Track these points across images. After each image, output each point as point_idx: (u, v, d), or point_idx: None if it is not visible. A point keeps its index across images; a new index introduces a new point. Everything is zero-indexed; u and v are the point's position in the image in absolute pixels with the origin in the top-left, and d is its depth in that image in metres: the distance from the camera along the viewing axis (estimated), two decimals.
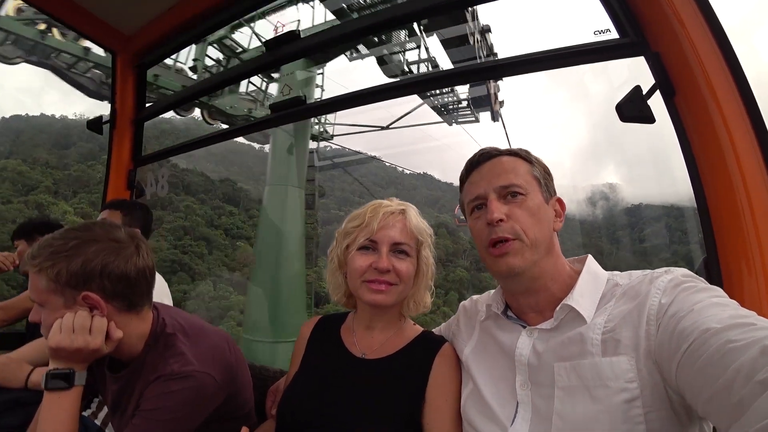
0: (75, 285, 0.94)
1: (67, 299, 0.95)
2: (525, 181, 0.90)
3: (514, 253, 0.85)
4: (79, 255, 0.94)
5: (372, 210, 1.06)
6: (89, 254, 0.95)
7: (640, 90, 1.13)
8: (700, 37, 1.06)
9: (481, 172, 0.94)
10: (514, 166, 0.92)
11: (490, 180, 0.91)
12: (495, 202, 0.88)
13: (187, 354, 1.01)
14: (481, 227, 0.90)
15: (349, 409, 0.96)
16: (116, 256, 0.98)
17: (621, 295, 0.80)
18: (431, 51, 11.15)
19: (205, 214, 58.32)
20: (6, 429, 1.53)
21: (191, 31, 1.99)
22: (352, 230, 1.06)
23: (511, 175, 0.90)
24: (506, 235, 0.85)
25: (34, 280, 0.95)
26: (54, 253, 0.93)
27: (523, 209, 0.87)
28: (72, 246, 0.94)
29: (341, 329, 1.16)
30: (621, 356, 0.73)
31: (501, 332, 0.94)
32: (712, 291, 0.71)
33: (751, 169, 1.01)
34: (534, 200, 0.88)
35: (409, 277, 1.05)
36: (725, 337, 0.57)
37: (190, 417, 0.98)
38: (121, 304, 1.00)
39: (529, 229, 0.85)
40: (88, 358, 0.96)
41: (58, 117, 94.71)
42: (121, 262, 0.98)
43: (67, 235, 0.96)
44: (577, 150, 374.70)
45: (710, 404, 0.57)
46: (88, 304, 0.96)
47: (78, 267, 0.93)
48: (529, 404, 0.81)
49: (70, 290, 0.94)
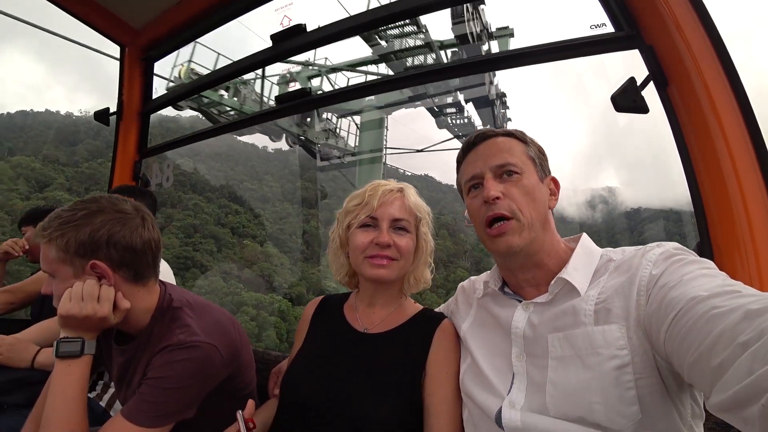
0: (83, 254, 0.97)
1: (76, 269, 0.98)
2: (520, 161, 0.92)
3: (512, 232, 0.87)
4: (86, 225, 0.97)
5: (372, 189, 1.10)
6: (96, 224, 0.98)
7: (635, 81, 1.17)
8: (692, 30, 1.10)
9: (477, 152, 0.97)
10: (509, 146, 0.94)
11: (486, 159, 0.93)
12: (491, 180, 0.91)
13: (193, 326, 1.03)
14: (478, 206, 0.93)
15: (351, 381, 0.99)
16: (122, 226, 1.01)
17: (614, 270, 0.83)
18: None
19: (212, 213, 59.94)
20: (13, 406, 1.56)
21: (198, 25, 2.03)
22: (353, 209, 1.10)
23: (507, 154, 0.92)
24: (502, 211, 0.88)
25: (44, 251, 0.98)
26: (63, 224, 0.96)
27: (518, 188, 0.89)
28: (80, 216, 0.97)
29: (344, 307, 1.19)
30: (612, 324, 0.75)
31: (498, 307, 0.97)
32: (702, 263, 0.72)
33: (741, 157, 1.05)
34: (529, 179, 0.91)
35: (409, 253, 1.08)
36: (710, 304, 0.59)
37: (194, 387, 1.00)
38: (127, 273, 1.03)
39: (524, 207, 0.88)
40: (97, 327, 0.99)
41: (63, 113, 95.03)
42: (126, 232, 1.01)
43: (76, 206, 1.00)
44: (577, 154, 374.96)
45: (694, 368, 0.58)
46: (96, 273, 0.98)
47: (86, 236, 0.96)
48: (525, 374, 0.84)
49: (79, 259, 0.97)
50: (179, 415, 0.99)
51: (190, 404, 1.01)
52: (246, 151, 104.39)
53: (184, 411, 1.00)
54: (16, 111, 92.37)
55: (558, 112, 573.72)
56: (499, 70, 1.41)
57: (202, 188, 68.49)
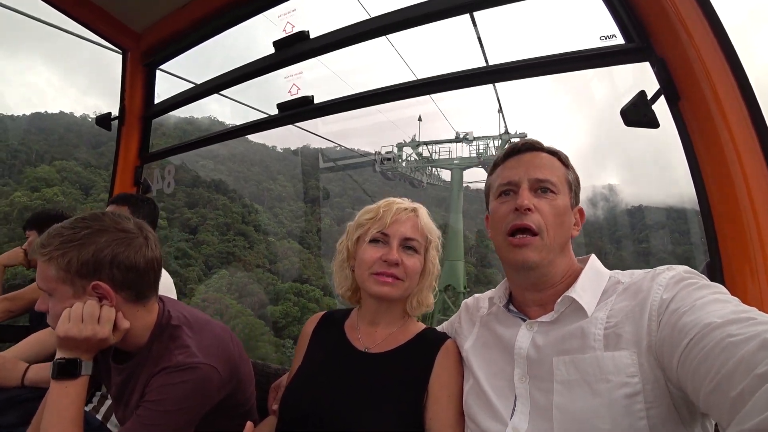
0: (85, 274, 0.94)
1: (77, 289, 0.95)
2: (559, 182, 0.91)
3: (533, 247, 0.86)
4: (89, 244, 0.94)
5: (386, 205, 1.10)
6: (100, 244, 0.95)
7: (645, 95, 1.14)
8: (705, 43, 1.07)
9: (521, 160, 0.95)
10: (552, 164, 0.94)
11: (528, 170, 0.92)
12: (527, 191, 0.89)
13: (192, 346, 1.02)
14: (505, 212, 0.91)
15: (352, 400, 0.97)
16: (126, 246, 0.99)
17: (623, 291, 0.81)
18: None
19: (238, 212, 64.90)
20: (6, 427, 1.55)
21: (201, 30, 2.01)
22: (365, 222, 1.09)
23: (548, 171, 0.92)
24: (530, 224, 0.86)
25: (43, 269, 0.95)
26: (64, 242, 0.93)
27: (551, 207, 0.88)
28: (83, 235, 0.95)
29: (345, 325, 1.17)
30: (623, 351, 0.73)
31: (501, 326, 0.96)
32: (714, 288, 0.71)
33: (755, 175, 1.02)
34: (563, 201, 0.90)
35: (415, 274, 1.07)
36: (726, 331, 0.57)
37: (193, 408, 0.99)
38: (129, 294, 1.01)
39: (551, 227, 0.87)
40: (95, 348, 0.98)
41: (78, 115, 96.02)
42: (131, 252, 0.99)
43: (77, 224, 0.97)
44: (580, 152, 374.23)
45: (710, 398, 0.57)
46: (97, 293, 0.96)
47: (89, 256, 0.94)
48: (527, 398, 0.82)
49: (80, 279, 0.95)
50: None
51: (189, 425, 1.00)
52: (259, 151, 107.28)
53: (182, 431, 0.99)
54: (31, 113, 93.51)
55: (561, 112, 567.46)
56: (508, 80, 1.38)
57: (225, 189, 71.90)
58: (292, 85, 1.71)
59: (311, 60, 1.77)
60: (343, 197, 68.32)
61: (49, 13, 2.53)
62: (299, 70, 1.73)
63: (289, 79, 1.74)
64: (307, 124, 15.15)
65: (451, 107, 53.35)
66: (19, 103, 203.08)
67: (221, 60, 13.79)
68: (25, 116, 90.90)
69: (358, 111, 1.80)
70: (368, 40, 1.58)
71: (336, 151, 52.47)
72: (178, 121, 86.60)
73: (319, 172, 78.05)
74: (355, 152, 18.18)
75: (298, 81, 1.73)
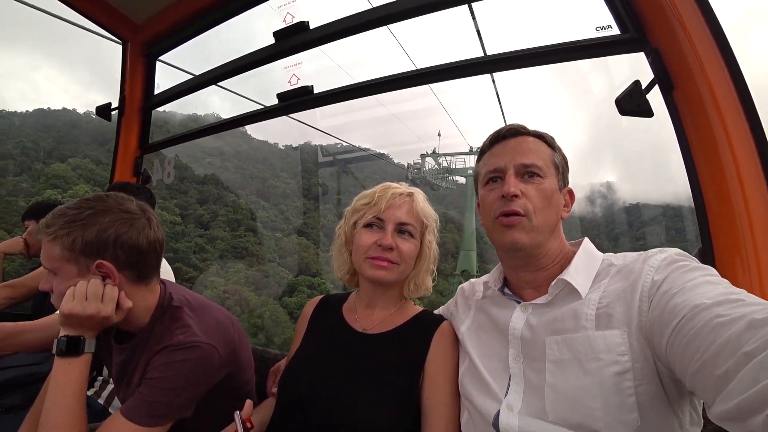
0: (89, 253, 0.96)
1: (81, 267, 0.97)
2: (545, 165, 0.91)
3: (520, 228, 0.87)
4: (94, 224, 0.96)
5: (382, 190, 1.11)
6: (104, 224, 0.97)
7: (640, 85, 1.16)
8: (699, 33, 1.09)
9: (506, 147, 0.95)
10: (538, 148, 0.93)
11: (513, 156, 0.92)
12: (513, 177, 0.90)
13: (193, 326, 1.04)
14: (493, 199, 0.92)
15: (349, 381, 0.99)
16: (129, 227, 1.01)
17: (615, 274, 0.82)
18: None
19: (246, 208, 68.38)
20: (9, 408, 1.57)
21: (201, 21, 2.02)
22: (361, 207, 1.11)
23: (534, 155, 0.91)
24: (518, 209, 0.87)
25: (48, 248, 0.97)
26: (69, 222, 0.95)
27: (537, 191, 0.89)
28: (87, 215, 0.97)
29: (343, 308, 1.19)
30: (614, 330, 0.75)
31: (496, 309, 0.97)
32: (705, 270, 0.72)
33: (746, 163, 1.04)
34: (550, 185, 0.90)
35: (410, 258, 1.08)
36: (714, 312, 0.58)
37: (193, 387, 1.00)
38: (131, 274, 1.03)
39: (539, 210, 0.88)
40: (98, 326, 0.99)
41: (81, 112, 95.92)
42: (134, 233, 1.01)
43: (82, 204, 0.99)
44: (577, 149, 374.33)
45: (697, 377, 0.58)
46: (101, 272, 0.98)
47: (93, 236, 0.95)
48: (521, 377, 0.84)
49: (84, 258, 0.96)
50: (177, 414, 1.00)
51: (189, 404, 1.02)
52: (262, 148, 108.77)
53: (182, 410, 1.01)
54: (34, 109, 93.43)
55: (558, 107, 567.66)
56: (506, 70, 1.39)
57: (233, 185, 75.25)
58: (292, 75, 1.72)
59: (311, 52, 1.79)
60: (344, 194, 71.98)
61: (50, 4, 2.53)
62: (299, 61, 1.74)
63: (288, 70, 1.75)
64: (308, 119, 15.24)
65: (452, 101, 56.55)
66: (18, 99, 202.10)
67: (221, 52, 13.78)
68: (28, 112, 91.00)
69: (358, 105, 1.81)
70: (367, 30, 1.59)
71: (336, 148, 56.19)
72: (183, 118, 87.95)
73: (319, 167, 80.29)
74: (354, 148, 18.87)
75: (298, 71, 1.74)
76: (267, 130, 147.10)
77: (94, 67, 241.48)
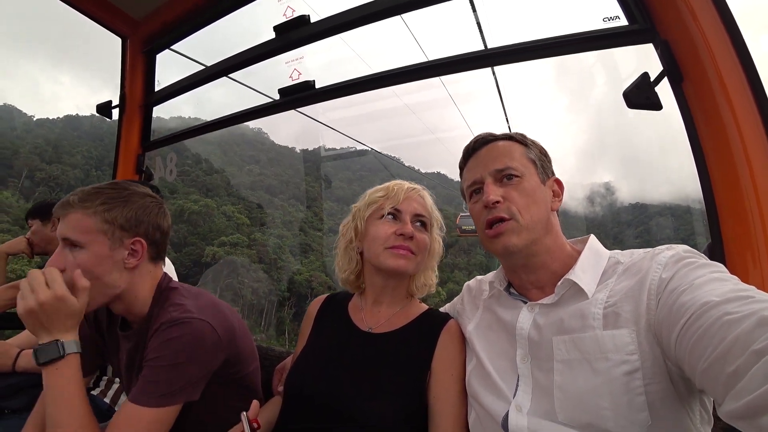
0: (128, 228, 1.04)
1: (114, 241, 1.02)
2: (520, 164, 0.92)
3: (509, 232, 0.87)
4: (133, 203, 1.06)
5: (396, 184, 1.16)
6: (141, 204, 1.08)
7: (648, 77, 1.14)
8: (710, 24, 1.06)
9: (478, 158, 0.97)
10: (509, 150, 0.94)
11: (486, 164, 0.94)
12: (491, 185, 0.91)
13: (186, 304, 1.05)
14: (479, 210, 0.93)
15: (355, 380, 0.98)
16: (157, 209, 1.12)
17: (623, 272, 0.81)
18: None
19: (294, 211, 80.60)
20: (13, 411, 1.58)
21: (201, 17, 1.99)
22: (377, 199, 1.13)
23: (506, 158, 0.92)
24: (501, 214, 0.88)
25: (80, 220, 0.99)
26: (110, 198, 1.03)
27: (518, 191, 0.89)
28: (125, 195, 1.06)
29: (349, 306, 1.19)
30: (622, 329, 0.74)
31: (503, 309, 0.96)
32: (713, 266, 0.71)
33: (758, 156, 1.02)
34: (530, 182, 0.91)
35: (425, 249, 1.11)
36: (723, 309, 0.57)
37: (192, 363, 0.99)
38: (153, 252, 1.12)
39: (524, 209, 0.88)
40: (68, 322, 0.94)
41: (111, 120, 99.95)
42: (161, 216, 1.13)
43: (116, 186, 1.08)
44: (581, 149, 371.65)
45: (706, 374, 0.57)
46: (132, 248, 1.06)
47: (132, 213, 1.05)
48: (530, 377, 0.83)
49: (121, 232, 1.03)
50: (183, 395, 0.99)
51: (193, 383, 1.00)
52: (285, 153, 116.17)
53: (187, 390, 0.99)
54: (64, 116, 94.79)
55: (562, 110, 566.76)
56: (510, 63, 1.37)
57: (274, 190, 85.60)
58: (293, 70, 1.70)
59: (312, 46, 1.76)
60: (347, 192, 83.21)
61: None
62: (300, 55, 1.72)
63: (290, 64, 1.73)
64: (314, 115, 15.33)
65: (460, 92, 56.92)
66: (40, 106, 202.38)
67: (223, 49, 13.79)
68: (59, 119, 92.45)
69: (363, 99, 1.80)
70: (369, 23, 1.56)
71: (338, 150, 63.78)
72: (189, 121, 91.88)
73: (321, 160, 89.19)
74: (352, 148, 18.69)
75: (299, 66, 1.72)
76: (280, 133, 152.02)
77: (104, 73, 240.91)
